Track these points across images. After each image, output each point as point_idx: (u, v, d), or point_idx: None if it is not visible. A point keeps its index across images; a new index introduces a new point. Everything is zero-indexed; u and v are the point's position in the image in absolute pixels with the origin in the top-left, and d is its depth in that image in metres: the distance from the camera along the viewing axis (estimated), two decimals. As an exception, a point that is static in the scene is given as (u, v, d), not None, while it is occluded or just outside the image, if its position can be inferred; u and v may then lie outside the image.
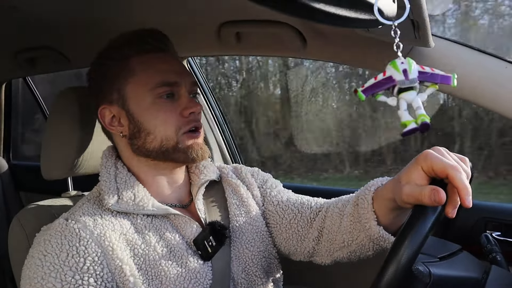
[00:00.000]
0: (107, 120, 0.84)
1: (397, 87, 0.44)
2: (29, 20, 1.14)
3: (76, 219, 0.75)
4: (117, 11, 1.05)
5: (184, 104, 0.82)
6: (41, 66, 1.53)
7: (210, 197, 0.91)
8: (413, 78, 0.44)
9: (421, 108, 0.43)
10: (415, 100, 0.43)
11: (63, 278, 0.69)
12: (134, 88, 0.81)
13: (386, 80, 0.44)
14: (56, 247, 0.71)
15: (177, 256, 0.78)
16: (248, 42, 1.12)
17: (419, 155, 0.64)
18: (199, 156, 0.82)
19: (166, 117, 0.80)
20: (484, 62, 0.83)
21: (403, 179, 0.66)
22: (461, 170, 0.60)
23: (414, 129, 0.43)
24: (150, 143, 0.81)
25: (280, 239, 0.92)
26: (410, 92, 0.44)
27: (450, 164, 0.60)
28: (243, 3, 0.94)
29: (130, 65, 0.81)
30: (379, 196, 0.75)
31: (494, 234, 1.08)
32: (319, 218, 0.88)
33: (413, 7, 0.62)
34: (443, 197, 0.58)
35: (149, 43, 0.82)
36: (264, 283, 0.89)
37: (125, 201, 0.78)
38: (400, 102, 0.44)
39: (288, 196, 0.94)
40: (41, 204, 0.93)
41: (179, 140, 0.81)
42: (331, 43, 1.00)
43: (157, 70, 0.81)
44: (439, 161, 0.61)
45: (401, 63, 0.44)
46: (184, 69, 0.86)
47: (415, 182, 0.63)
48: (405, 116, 0.43)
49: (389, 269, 0.57)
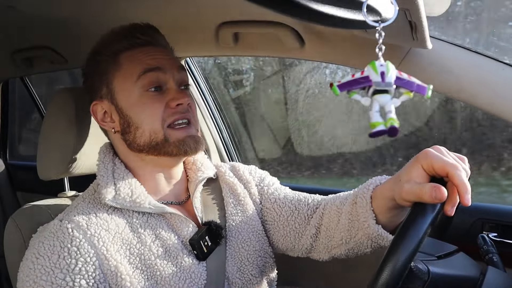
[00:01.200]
0: (99, 116, 0.84)
1: (373, 88, 0.44)
2: (26, 19, 1.13)
3: (70, 219, 0.75)
4: (114, 10, 1.05)
5: (172, 95, 0.81)
6: (38, 66, 1.53)
7: (207, 195, 0.91)
8: (390, 82, 0.44)
9: (392, 112, 0.44)
10: (387, 103, 0.44)
11: (54, 280, 0.68)
12: (121, 82, 0.81)
13: (363, 79, 0.45)
14: (48, 249, 0.71)
15: (172, 255, 0.78)
16: (246, 42, 1.12)
17: (419, 153, 0.65)
18: (192, 149, 0.81)
19: (152, 110, 0.80)
20: (482, 64, 0.84)
21: (403, 177, 0.66)
22: (460, 168, 0.60)
23: (382, 131, 0.43)
24: (140, 137, 0.80)
25: (277, 236, 0.92)
26: (385, 95, 0.44)
27: (450, 162, 0.61)
28: (241, 4, 0.94)
29: (118, 60, 0.82)
30: (377, 194, 0.75)
31: (490, 235, 1.08)
32: (317, 215, 0.88)
33: (410, 8, 0.62)
34: (444, 194, 0.59)
35: (138, 38, 0.82)
36: (259, 282, 0.89)
37: (122, 197, 0.78)
38: (373, 103, 0.44)
39: (285, 193, 0.94)
40: (37, 204, 0.93)
41: (166, 134, 0.80)
42: (329, 44, 1.00)
43: (141, 61, 0.81)
44: (439, 159, 0.62)
45: (380, 65, 0.45)
46: (168, 56, 0.85)
47: (415, 180, 0.64)
48: (375, 117, 0.44)
49: (387, 266, 0.57)
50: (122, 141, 0.83)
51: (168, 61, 0.83)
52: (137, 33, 0.83)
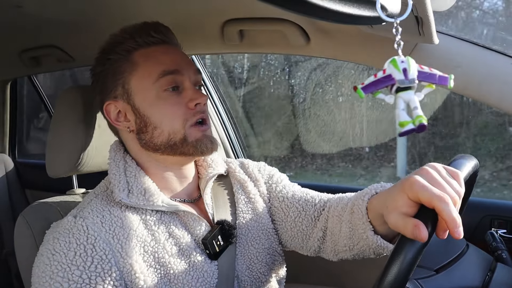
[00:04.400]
0: (112, 116, 0.83)
1: (396, 86, 0.44)
2: (33, 19, 1.14)
3: (85, 216, 0.75)
4: (121, 8, 1.06)
5: (190, 96, 0.81)
6: (45, 65, 1.54)
7: (218, 191, 0.91)
8: (413, 78, 0.44)
9: (418, 109, 0.43)
10: (412, 99, 0.44)
11: (70, 277, 0.68)
12: (138, 82, 0.81)
13: (386, 79, 0.44)
14: (64, 245, 0.71)
15: (186, 254, 0.78)
16: (251, 39, 1.12)
17: (405, 181, 0.60)
18: (208, 149, 0.81)
19: (172, 110, 0.79)
20: (489, 59, 0.83)
21: (390, 204, 0.62)
22: (447, 201, 0.55)
23: (411, 129, 0.43)
24: (158, 137, 0.80)
25: (286, 237, 0.92)
26: (408, 91, 0.44)
27: (436, 195, 0.56)
28: (246, 1, 0.93)
29: (133, 58, 0.81)
30: (372, 207, 0.73)
31: (499, 231, 1.07)
32: (323, 218, 0.87)
33: (417, 3, 0.62)
34: (424, 236, 0.54)
35: (151, 36, 0.82)
36: (268, 280, 0.89)
37: (136, 195, 0.78)
38: (398, 101, 0.44)
39: (294, 191, 0.93)
40: (46, 201, 0.94)
41: (186, 133, 0.80)
42: (334, 40, 0.99)
43: (159, 60, 0.80)
44: (425, 192, 0.57)
45: (401, 62, 0.44)
46: (186, 58, 0.85)
47: (401, 210, 0.59)
48: (402, 116, 0.43)
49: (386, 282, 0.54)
50: (137, 140, 0.83)
51: (185, 63, 0.83)
52: (150, 31, 0.82)
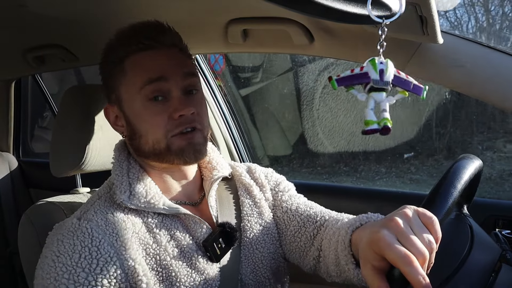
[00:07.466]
0: (111, 119, 0.85)
1: (370, 85, 0.44)
2: (38, 18, 1.14)
3: (89, 218, 0.75)
4: (125, 8, 1.06)
5: (175, 106, 0.78)
6: (49, 64, 1.54)
7: (222, 194, 0.90)
8: (387, 81, 0.44)
9: (386, 112, 0.44)
10: (383, 101, 0.44)
11: (76, 279, 0.68)
12: (126, 90, 0.81)
13: (361, 76, 0.45)
14: (68, 248, 0.71)
15: (187, 257, 0.78)
16: (255, 39, 1.12)
17: (373, 235, 0.57)
18: (191, 159, 0.80)
19: (155, 121, 0.78)
20: (494, 59, 0.82)
21: (361, 254, 0.60)
22: (413, 263, 0.52)
23: (375, 129, 0.43)
24: (144, 145, 0.80)
25: (285, 249, 0.91)
26: (381, 93, 0.44)
27: (401, 256, 0.53)
28: (250, 0, 0.93)
29: (124, 66, 0.81)
30: (354, 240, 0.71)
31: (504, 232, 1.07)
32: (319, 238, 0.86)
33: (421, 3, 0.61)
34: None
35: (141, 42, 0.80)
36: (271, 284, 0.89)
37: (137, 197, 0.78)
38: (369, 100, 0.45)
39: (298, 204, 0.92)
40: (50, 200, 0.94)
41: (169, 143, 0.78)
42: (338, 39, 0.99)
43: (144, 68, 0.79)
44: (390, 252, 0.54)
45: (380, 63, 0.45)
46: (174, 62, 0.81)
47: (372, 264, 0.57)
48: (370, 115, 0.44)
49: None
50: (130, 145, 0.84)
51: (172, 68, 0.80)
52: (140, 36, 0.80)
